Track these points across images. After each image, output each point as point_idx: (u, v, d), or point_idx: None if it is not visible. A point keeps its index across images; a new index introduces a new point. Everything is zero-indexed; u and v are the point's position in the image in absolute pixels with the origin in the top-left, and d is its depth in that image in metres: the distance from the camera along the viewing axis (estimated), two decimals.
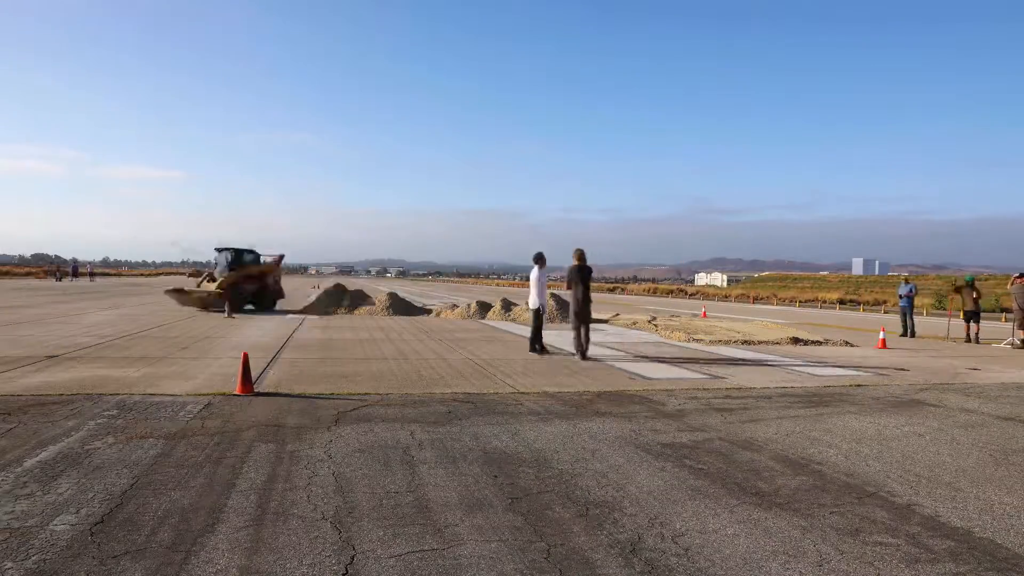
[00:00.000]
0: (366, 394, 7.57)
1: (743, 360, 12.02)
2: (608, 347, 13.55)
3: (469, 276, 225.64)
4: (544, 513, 4.00)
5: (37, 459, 4.76)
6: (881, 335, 15.81)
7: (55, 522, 3.63)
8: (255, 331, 14.75)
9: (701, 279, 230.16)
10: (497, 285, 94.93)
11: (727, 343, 14.95)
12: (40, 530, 3.52)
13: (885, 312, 35.80)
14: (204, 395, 7.24)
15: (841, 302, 47.18)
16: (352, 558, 3.30)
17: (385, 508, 3.99)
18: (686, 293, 64.46)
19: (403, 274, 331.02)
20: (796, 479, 4.84)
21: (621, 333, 17.08)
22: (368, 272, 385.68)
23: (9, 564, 3.13)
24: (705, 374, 10.09)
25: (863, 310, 36.93)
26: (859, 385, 9.41)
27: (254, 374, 8.74)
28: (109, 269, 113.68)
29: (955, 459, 5.53)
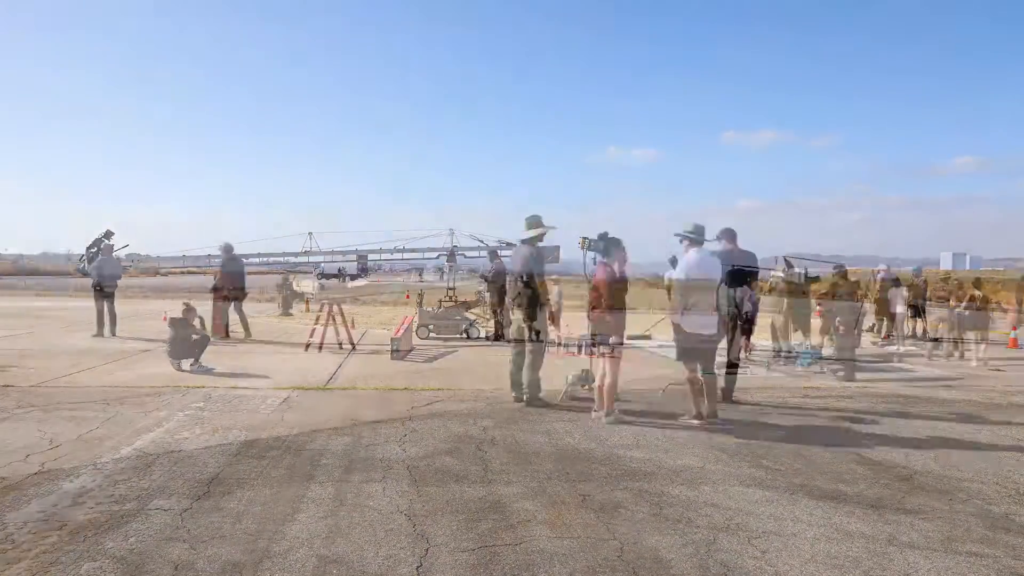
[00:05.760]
0: (439, 389, 7.69)
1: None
2: None
3: None
4: (617, 511, 3.97)
5: (133, 447, 5.06)
6: (1013, 334, 14.58)
7: (149, 506, 3.85)
8: (330, 329, 15.11)
9: None
10: None
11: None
12: (137, 513, 3.74)
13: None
14: (284, 389, 7.51)
15: None
16: (426, 550, 3.36)
17: (458, 503, 4.05)
18: None
19: None
20: (880, 482, 4.63)
21: None
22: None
23: (111, 544, 3.34)
24: (782, 373, 9.77)
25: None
26: (948, 386, 8.92)
27: (330, 371, 9.01)
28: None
29: None
